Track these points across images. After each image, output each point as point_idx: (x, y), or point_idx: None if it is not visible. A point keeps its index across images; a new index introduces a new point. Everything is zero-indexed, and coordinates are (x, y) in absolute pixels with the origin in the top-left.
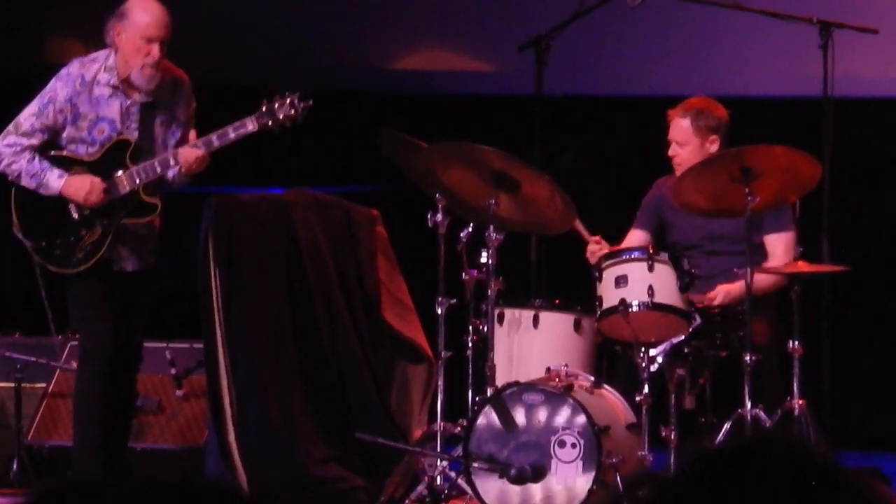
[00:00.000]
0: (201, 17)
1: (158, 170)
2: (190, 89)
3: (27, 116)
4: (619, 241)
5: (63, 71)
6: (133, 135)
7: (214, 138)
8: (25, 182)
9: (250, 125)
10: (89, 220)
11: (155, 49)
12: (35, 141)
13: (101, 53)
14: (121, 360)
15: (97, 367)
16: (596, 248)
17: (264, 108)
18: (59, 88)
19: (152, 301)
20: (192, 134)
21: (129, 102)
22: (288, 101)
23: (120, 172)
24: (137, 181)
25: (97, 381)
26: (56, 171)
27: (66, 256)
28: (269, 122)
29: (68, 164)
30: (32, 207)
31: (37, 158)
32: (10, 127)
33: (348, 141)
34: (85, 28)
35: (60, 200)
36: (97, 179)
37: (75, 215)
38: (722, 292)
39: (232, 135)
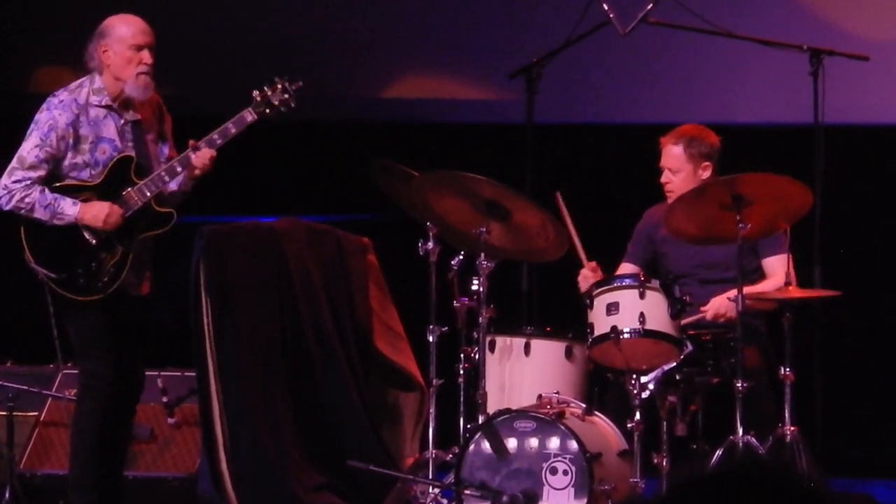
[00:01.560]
0: (190, 50)
1: (167, 178)
2: (164, 107)
3: (30, 149)
4: (611, 271)
5: (53, 100)
6: (131, 153)
7: (216, 136)
8: (39, 214)
9: (249, 117)
10: (107, 242)
11: (146, 55)
12: (42, 172)
13: (84, 79)
14: (120, 392)
15: (96, 400)
16: (589, 274)
17: (258, 98)
18: (56, 116)
19: (150, 327)
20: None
21: (122, 121)
22: (279, 86)
23: (129, 189)
24: (148, 194)
25: (96, 414)
26: (69, 200)
27: (91, 283)
28: (267, 111)
29: (75, 192)
30: (46, 239)
31: (46, 190)
32: (14, 163)
33: (340, 170)
34: (74, 57)
35: (74, 229)
36: (114, 205)
37: (92, 240)
38: (714, 306)
39: (233, 130)
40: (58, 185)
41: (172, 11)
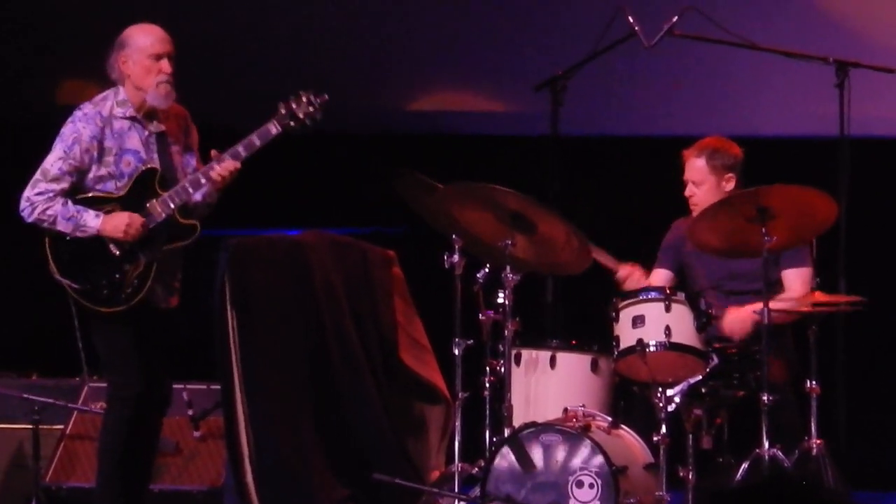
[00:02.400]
0: (218, 64)
1: (191, 190)
2: (190, 119)
3: (54, 161)
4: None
5: (78, 113)
6: (156, 164)
7: (241, 148)
8: (62, 227)
9: (273, 129)
10: (131, 254)
11: (165, 65)
12: (65, 185)
13: (109, 91)
14: (147, 404)
15: (124, 412)
16: (627, 273)
17: (283, 111)
18: (80, 129)
19: (178, 340)
20: (215, 153)
21: (146, 133)
22: (304, 99)
23: (153, 201)
24: (172, 206)
25: (123, 426)
26: (91, 212)
27: (115, 295)
28: (291, 123)
29: (99, 204)
30: (70, 252)
31: (69, 202)
32: (38, 175)
33: (365, 182)
34: (99, 70)
35: (98, 240)
36: (134, 214)
37: (116, 252)
38: (727, 322)
39: (258, 142)
40: (82, 196)
41: (200, 26)
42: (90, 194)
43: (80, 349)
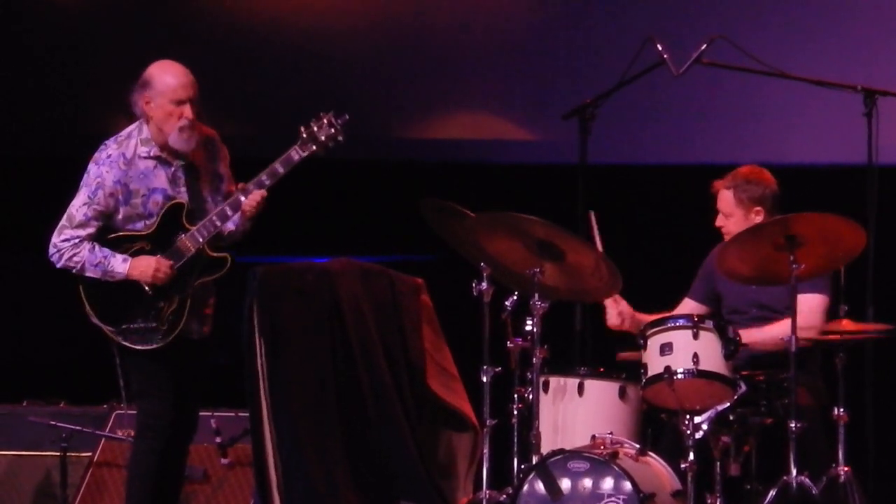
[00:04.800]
0: (242, 94)
1: (218, 223)
2: (221, 143)
3: (79, 207)
4: (668, 310)
5: (101, 155)
6: (184, 198)
7: (265, 177)
8: (90, 273)
9: (296, 155)
10: (164, 291)
11: (187, 110)
12: (91, 230)
13: (133, 128)
14: (177, 433)
15: (154, 442)
16: (615, 312)
17: (305, 135)
18: (104, 173)
19: (209, 369)
20: (242, 186)
21: (173, 168)
22: (325, 121)
23: (182, 236)
24: (201, 239)
25: (153, 456)
26: (119, 257)
27: (151, 332)
28: (315, 147)
29: (129, 243)
30: (105, 293)
31: (97, 247)
32: (64, 221)
33: (393, 210)
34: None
35: (130, 281)
36: (161, 258)
37: (149, 291)
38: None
39: (281, 169)
40: (112, 236)
41: (225, 54)
42: (120, 233)
43: (122, 386)
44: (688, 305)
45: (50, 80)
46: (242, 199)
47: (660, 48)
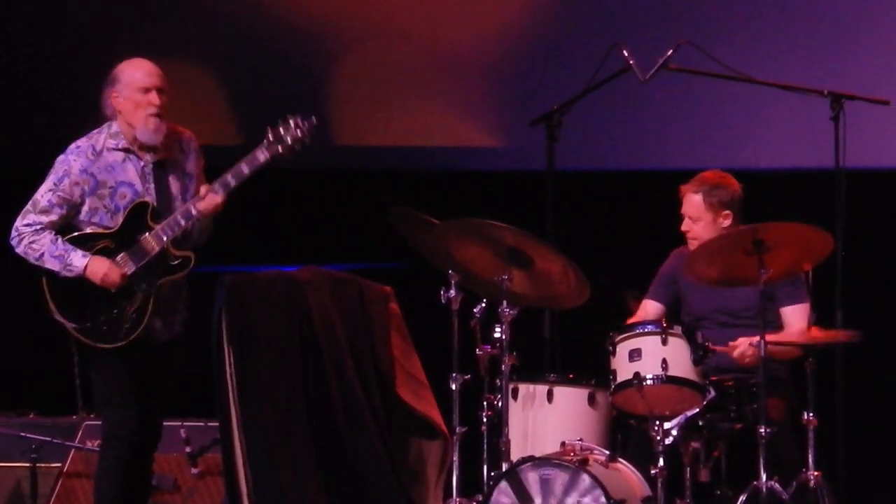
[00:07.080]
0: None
1: (182, 222)
2: (197, 144)
3: (44, 193)
4: (630, 316)
5: (71, 146)
6: (151, 195)
7: (230, 177)
8: (50, 264)
9: (261, 156)
10: (128, 289)
11: (153, 97)
12: (54, 217)
13: (104, 126)
14: (142, 442)
15: (119, 450)
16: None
17: (271, 137)
18: (71, 161)
19: (177, 371)
20: (203, 187)
21: (142, 164)
22: (292, 123)
23: (146, 235)
24: (165, 238)
25: (118, 464)
26: (79, 252)
27: (114, 331)
28: (280, 149)
29: (93, 241)
30: (67, 290)
31: (59, 240)
32: (28, 206)
33: (361, 218)
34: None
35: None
36: (114, 266)
37: (112, 288)
38: (744, 343)
39: (246, 170)
40: (76, 234)
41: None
42: (85, 230)
43: (78, 386)
44: (649, 306)
45: (31, 87)
46: (203, 200)
47: (626, 54)
